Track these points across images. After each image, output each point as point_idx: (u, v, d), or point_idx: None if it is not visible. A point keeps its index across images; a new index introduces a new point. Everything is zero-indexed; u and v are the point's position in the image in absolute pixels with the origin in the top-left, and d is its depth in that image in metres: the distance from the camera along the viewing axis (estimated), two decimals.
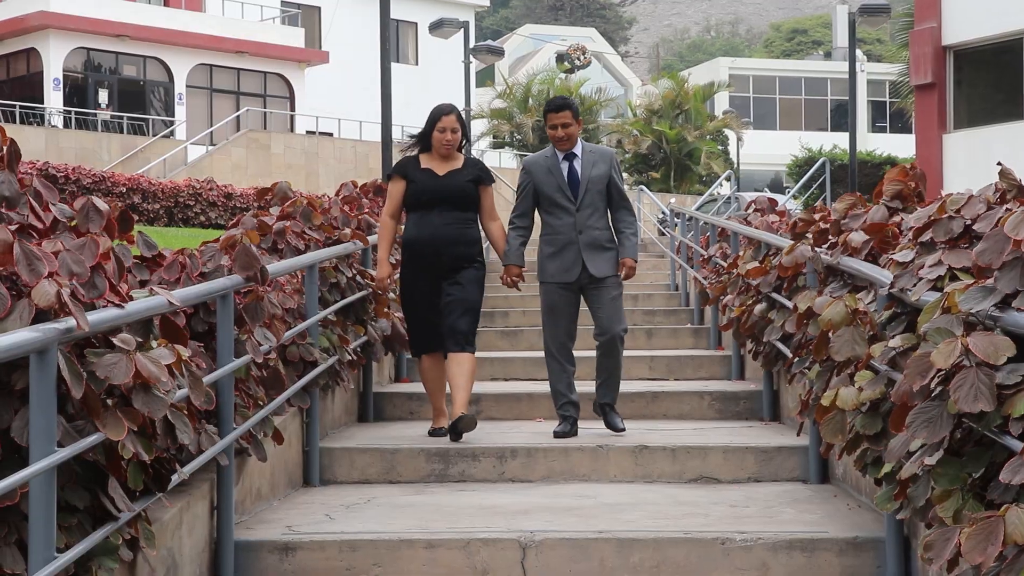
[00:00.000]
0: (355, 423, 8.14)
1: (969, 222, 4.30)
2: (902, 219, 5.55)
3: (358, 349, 7.60)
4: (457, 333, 7.13)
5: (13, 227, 3.68)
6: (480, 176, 7.38)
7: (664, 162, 42.75)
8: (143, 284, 4.94)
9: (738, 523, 5.47)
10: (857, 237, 5.67)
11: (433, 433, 7.31)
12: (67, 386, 3.48)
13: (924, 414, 3.54)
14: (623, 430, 7.20)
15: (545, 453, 6.74)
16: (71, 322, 3.47)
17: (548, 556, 5.12)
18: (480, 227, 7.45)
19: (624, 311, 7.47)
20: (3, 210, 3.82)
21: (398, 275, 7.73)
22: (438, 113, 7.34)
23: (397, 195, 7.38)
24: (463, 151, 7.49)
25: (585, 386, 7.62)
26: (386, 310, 8.15)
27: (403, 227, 7.54)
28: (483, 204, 7.38)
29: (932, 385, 3.59)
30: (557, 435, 7.11)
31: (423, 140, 7.36)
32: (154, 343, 4.13)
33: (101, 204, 4.05)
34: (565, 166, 7.30)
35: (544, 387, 7.75)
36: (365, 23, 41.97)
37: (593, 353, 7.55)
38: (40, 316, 3.47)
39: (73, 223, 4.03)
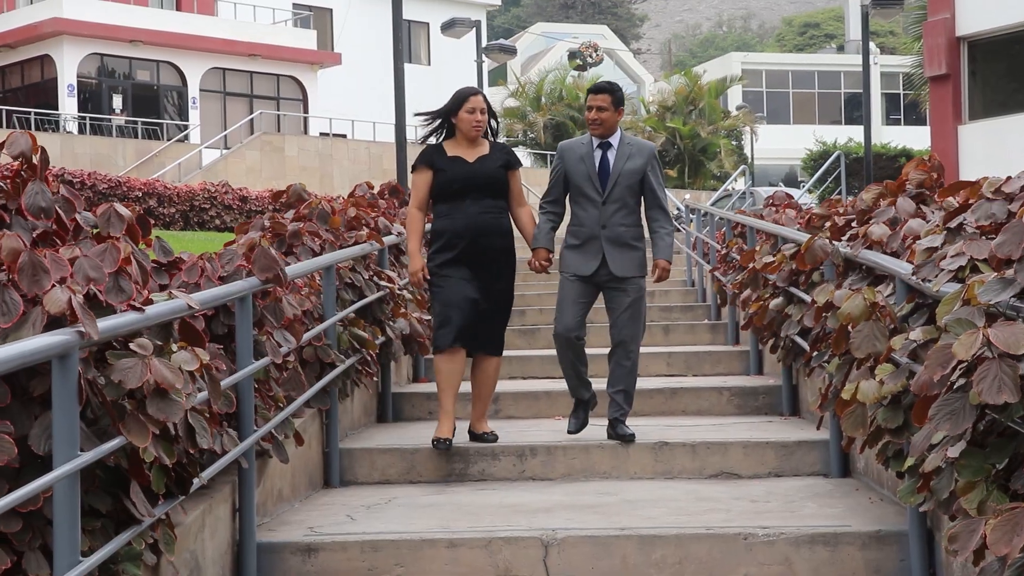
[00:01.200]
0: (374, 424, 8.14)
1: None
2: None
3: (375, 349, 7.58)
4: (493, 340, 6.97)
5: (36, 233, 3.70)
6: (509, 160, 7.09)
7: (678, 158, 42.72)
8: (163, 288, 4.95)
9: (760, 518, 5.46)
10: (878, 230, 5.64)
11: (437, 444, 6.74)
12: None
13: (947, 406, 3.52)
14: (632, 436, 6.82)
15: (565, 451, 6.73)
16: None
17: (570, 554, 5.12)
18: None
19: (644, 318, 7.08)
20: (41, 219, 3.82)
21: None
22: (466, 93, 7.05)
23: (423, 186, 7.02)
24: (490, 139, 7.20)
25: (600, 383, 7.49)
26: (403, 311, 8.13)
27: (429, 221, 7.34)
28: (512, 189, 7.07)
29: (954, 377, 3.57)
30: (570, 433, 7.06)
31: (445, 124, 7.07)
32: (174, 346, 4.14)
33: (123, 210, 4.06)
34: (598, 155, 7.00)
35: (562, 384, 7.72)
36: (377, 24, 42.02)
37: (606, 351, 7.27)
38: (57, 322, 3.48)
39: (96, 230, 4.04)
